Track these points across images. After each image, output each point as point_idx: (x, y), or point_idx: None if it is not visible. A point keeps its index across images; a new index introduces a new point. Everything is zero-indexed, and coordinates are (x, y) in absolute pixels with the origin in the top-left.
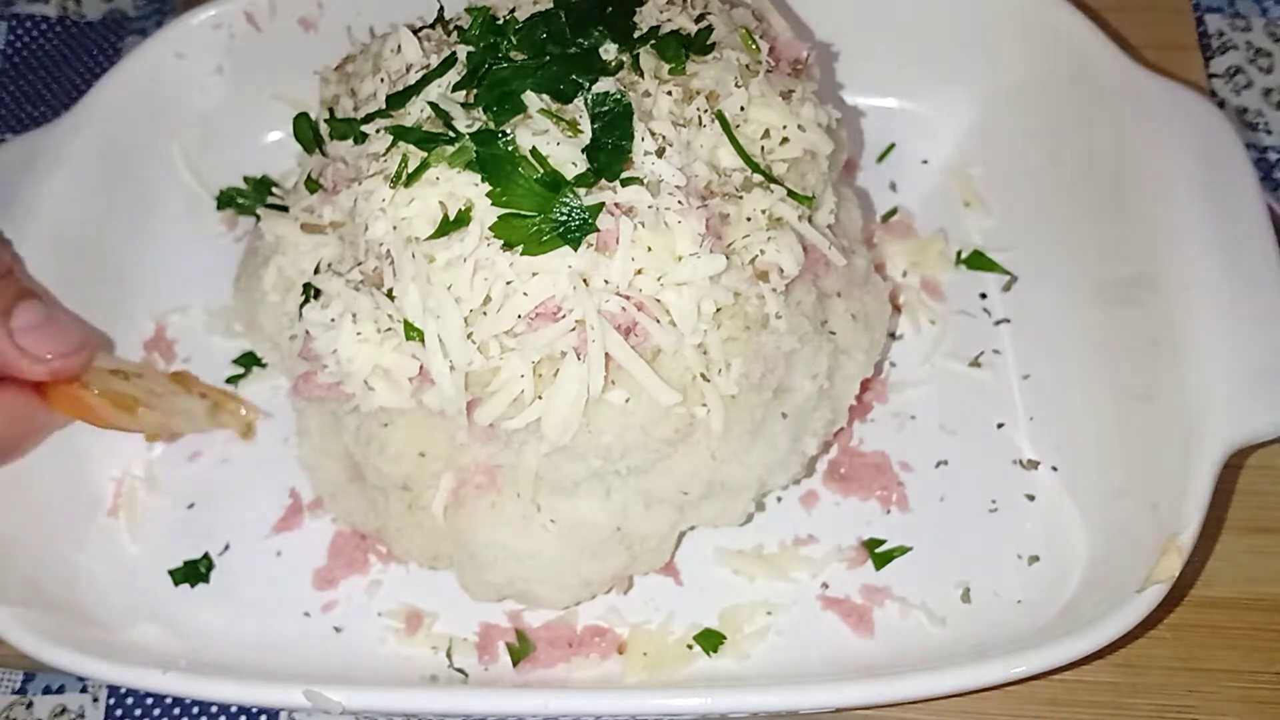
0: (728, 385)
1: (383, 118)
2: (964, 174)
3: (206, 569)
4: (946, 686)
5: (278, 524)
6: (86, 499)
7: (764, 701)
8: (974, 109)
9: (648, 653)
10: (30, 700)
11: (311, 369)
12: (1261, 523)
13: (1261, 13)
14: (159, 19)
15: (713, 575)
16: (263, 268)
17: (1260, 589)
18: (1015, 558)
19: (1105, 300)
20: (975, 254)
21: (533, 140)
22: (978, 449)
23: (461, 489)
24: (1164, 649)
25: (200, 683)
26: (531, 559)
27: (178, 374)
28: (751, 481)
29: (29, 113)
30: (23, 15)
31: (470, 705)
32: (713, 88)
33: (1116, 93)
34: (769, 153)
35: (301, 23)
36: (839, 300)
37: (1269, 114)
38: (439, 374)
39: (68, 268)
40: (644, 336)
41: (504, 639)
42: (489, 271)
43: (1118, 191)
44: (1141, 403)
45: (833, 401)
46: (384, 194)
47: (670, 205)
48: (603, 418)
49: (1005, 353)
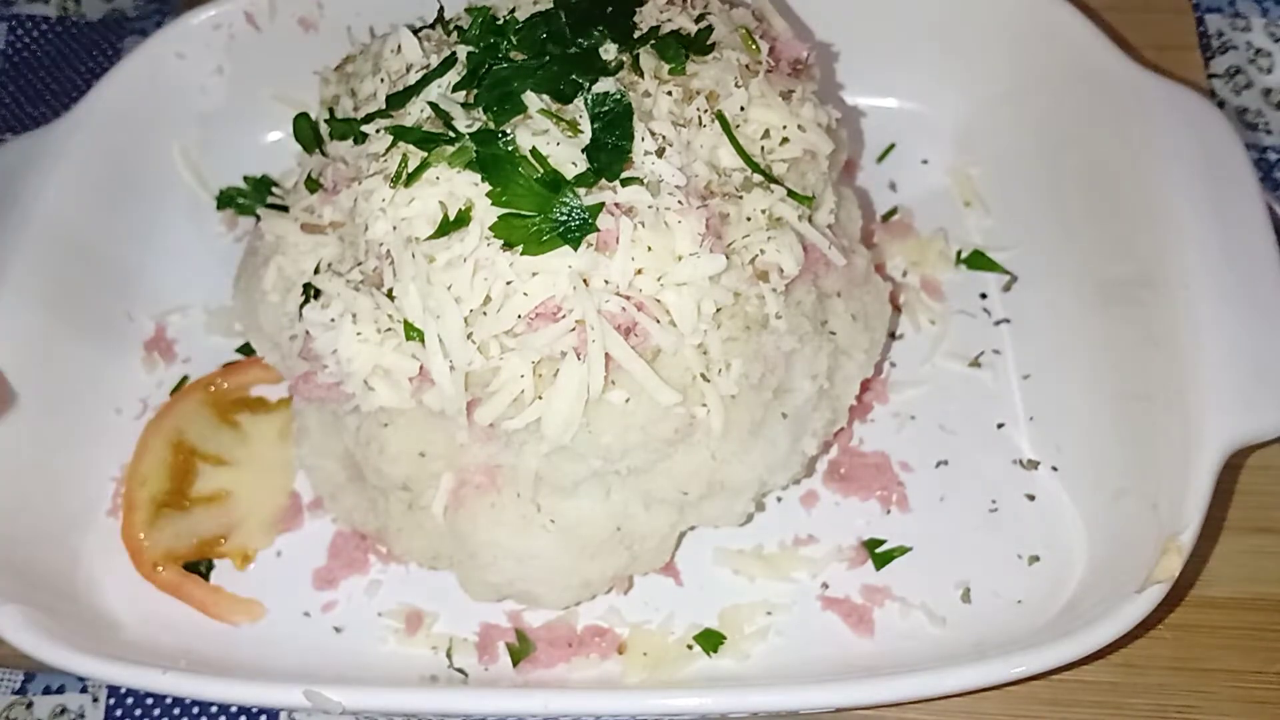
0: (728, 385)
1: (383, 118)
2: (964, 174)
3: (206, 569)
4: (946, 686)
5: (278, 523)
6: (86, 499)
7: (764, 701)
8: (974, 109)
9: (648, 653)
10: (30, 700)
11: (311, 369)
12: (1261, 523)
13: (1262, 13)
14: (159, 19)
15: (713, 575)
16: (263, 268)
17: (1260, 589)
18: (1015, 558)
19: (1105, 300)
20: (975, 254)
21: (533, 140)
22: (978, 449)
23: (461, 489)
24: (1164, 649)
25: (200, 683)
26: (531, 559)
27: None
28: (751, 481)
29: (29, 113)
30: (23, 15)
31: (470, 705)
32: (713, 88)
33: (1116, 93)
34: (769, 153)
35: (301, 23)
36: (839, 300)
37: (1269, 114)
38: (439, 374)
39: (68, 268)
40: (644, 336)
41: (504, 639)
42: (489, 271)
43: (1118, 191)
44: (1141, 403)
45: (833, 401)
46: (384, 194)
47: (670, 205)
48: (603, 418)
49: (1005, 353)
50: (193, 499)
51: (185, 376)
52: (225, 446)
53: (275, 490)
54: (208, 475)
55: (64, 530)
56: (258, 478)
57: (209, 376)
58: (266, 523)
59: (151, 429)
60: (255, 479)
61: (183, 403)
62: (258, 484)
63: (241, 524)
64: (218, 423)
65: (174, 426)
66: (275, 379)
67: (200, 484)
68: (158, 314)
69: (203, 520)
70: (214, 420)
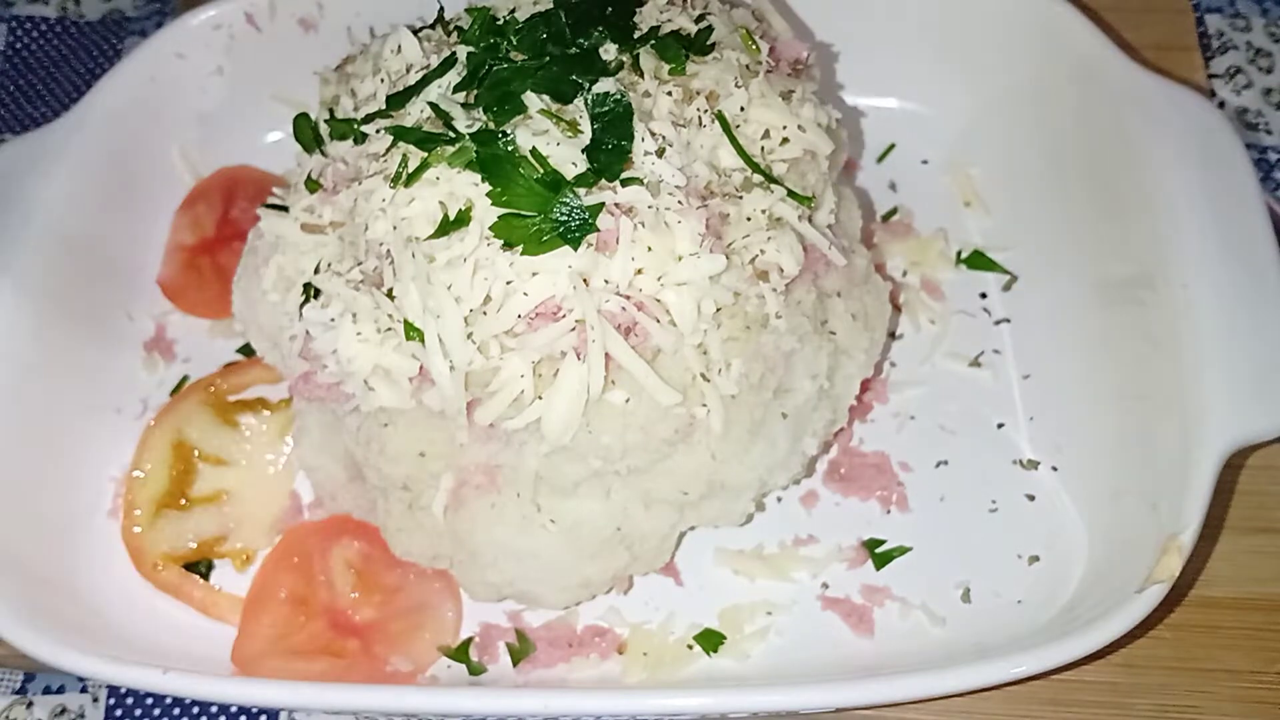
0: (728, 385)
1: (383, 118)
2: (964, 174)
3: (206, 569)
4: (946, 686)
5: (278, 524)
6: (86, 499)
7: (764, 701)
8: (974, 109)
9: (648, 653)
10: (30, 700)
11: (311, 369)
12: (1261, 523)
13: (1262, 13)
14: (159, 19)
15: (713, 575)
16: (263, 267)
17: (1260, 589)
18: (1015, 558)
19: (1105, 300)
20: (975, 254)
21: (533, 140)
22: (978, 449)
23: (461, 489)
24: (1164, 649)
25: (200, 683)
26: (531, 559)
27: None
28: (751, 481)
29: (29, 113)
30: (23, 16)
31: (470, 705)
32: (713, 88)
33: (1116, 93)
34: (769, 153)
35: (301, 23)
36: (839, 300)
37: (1269, 114)
38: (439, 374)
39: (68, 268)
40: (644, 336)
41: (504, 639)
42: (489, 271)
43: (1118, 191)
44: (1141, 403)
45: (833, 401)
46: (384, 194)
47: (670, 205)
48: (603, 418)
49: (1005, 353)
50: (193, 499)
51: (185, 376)
52: (225, 446)
53: (275, 490)
54: (208, 475)
55: (64, 530)
56: (258, 478)
57: (209, 377)
58: (266, 523)
59: (151, 429)
60: (255, 479)
61: (183, 403)
62: (258, 484)
63: (241, 524)
64: (218, 423)
65: (174, 426)
66: (275, 379)
67: (200, 484)
68: (158, 314)
69: (203, 520)
70: (214, 420)
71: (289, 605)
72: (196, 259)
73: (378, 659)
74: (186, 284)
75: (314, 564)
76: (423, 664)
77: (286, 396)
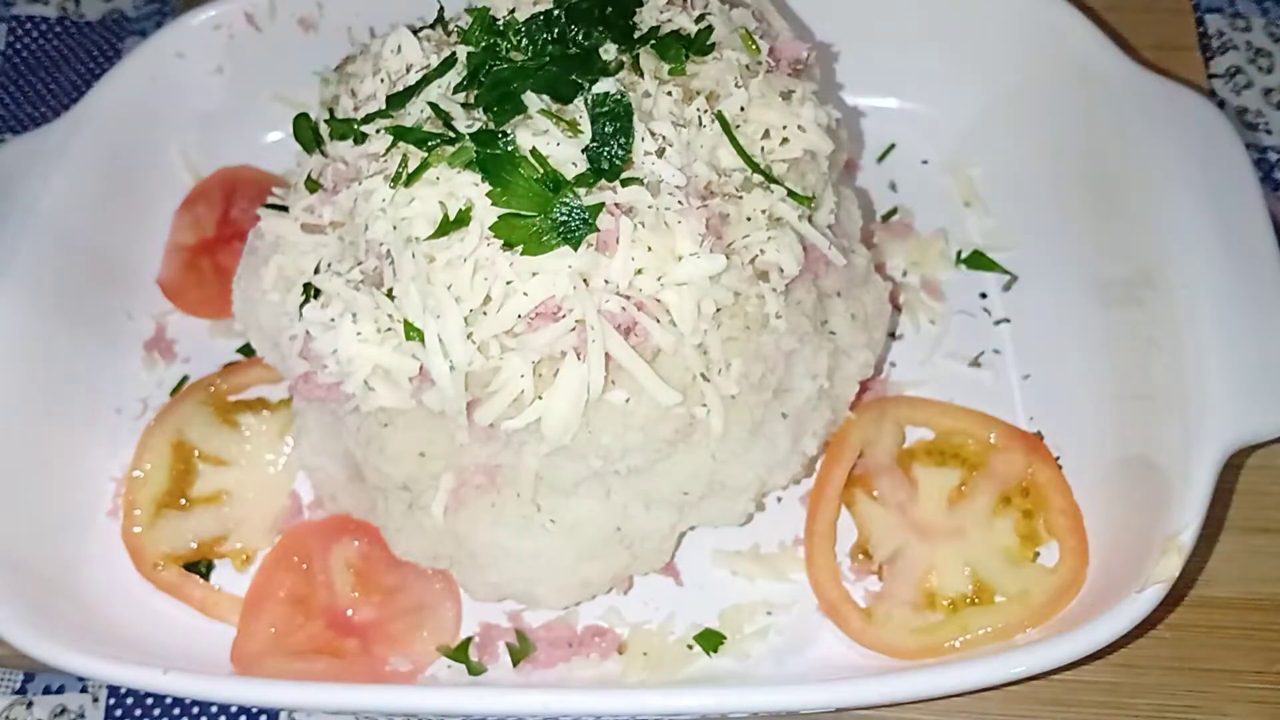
0: (728, 385)
1: (383, 118)
2: (964, 174)
3: (206, 569)
4: (946, 686)
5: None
6: (86, 499)
7: (764, 701)
8: (974, 109)
9: (648, 653)
10: (30, 700)
11: (311, 369)
12: (1261, 523)
13: (1262, 13)
14: (159, 19)
15: (712, 575)
16: (263, 267)
17: (1260, 589)
18: None
19: (1105, 300)
20: (975, 254)
21: (533, 140)
22: None
23: (461, 489)
24: (1164, 649)
25: (200, 683)
26: (531, 559)
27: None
28: (751, 481)
29: (29, 113)
30: (23, 16)
31: (470, 705)
32: (713, 88)
33: (1116, 93)
34: (769, 153)
35: (301, 23)
36: (839, 300)
37: (1269, 114)
38: (439, 374)
39: (68, 268)
40: (644, 336)
41: (504, 639)
42: (489, 271)
43: (1118, 191)
44: (1141, 403)
45: (833, 401)
46: (384, 194)
47: (670, 205)
48: (603, 418)
49: (1005, 353)
50: (193, 499)
51: (185, 376)
52: (225, 446)
53: (275, 490)
54: (208, 475)
55: (64, 530)
56: (258, 478)
57: (209, 377)
58: (266, 523)
59: (151, 429)
60: (255, 479)
61: (183, 403)
62: (258, 484)
63: (241, 524)
64: (218, 423)
65: (174, 426)
66: (275, 379)
67: (200, 484)
68: (158, 314)
69: (203, 520)
70: (214, 420)
71: (289, 605)
72: (196, 259)
73: (377, 659)
74: (186, 284)
75: (314, 564)
76: (422, 664)
77: (286, 396)
